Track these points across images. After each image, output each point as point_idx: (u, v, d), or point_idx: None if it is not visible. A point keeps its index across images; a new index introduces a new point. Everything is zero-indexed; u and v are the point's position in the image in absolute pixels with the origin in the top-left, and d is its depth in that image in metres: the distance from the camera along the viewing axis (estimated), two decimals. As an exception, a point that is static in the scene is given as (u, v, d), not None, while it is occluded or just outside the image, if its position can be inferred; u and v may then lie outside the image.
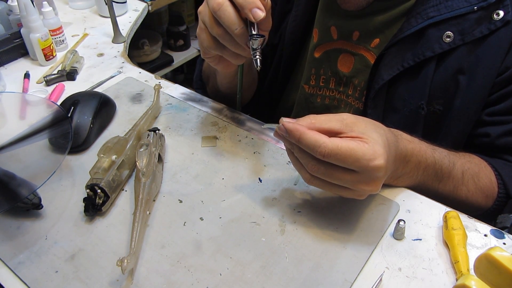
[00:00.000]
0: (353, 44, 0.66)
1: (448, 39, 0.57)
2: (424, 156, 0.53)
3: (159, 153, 0.59)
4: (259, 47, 0.51)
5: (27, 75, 0.83)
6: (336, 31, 0.67)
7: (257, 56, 0.51)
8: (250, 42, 0.51)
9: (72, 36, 0.98)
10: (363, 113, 0.66)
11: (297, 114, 0.77)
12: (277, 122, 0.48)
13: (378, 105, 0.63)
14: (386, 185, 0.57)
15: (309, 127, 0.45)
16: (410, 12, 0.59)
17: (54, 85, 0.80)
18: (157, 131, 0.62)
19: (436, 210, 0.54)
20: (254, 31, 0.50)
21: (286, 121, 0.46)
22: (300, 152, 0.46)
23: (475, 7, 0.55)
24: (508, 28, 0.56)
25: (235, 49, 0.52)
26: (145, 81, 0.80)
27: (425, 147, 0.54)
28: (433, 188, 0.57)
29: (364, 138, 0.44)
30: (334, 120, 0.46)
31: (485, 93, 0.59)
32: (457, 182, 0.57)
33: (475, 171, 0.58)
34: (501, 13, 0.55)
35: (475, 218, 0.53)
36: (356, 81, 0.67)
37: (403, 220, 0.50)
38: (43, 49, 0.85)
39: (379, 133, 0.46)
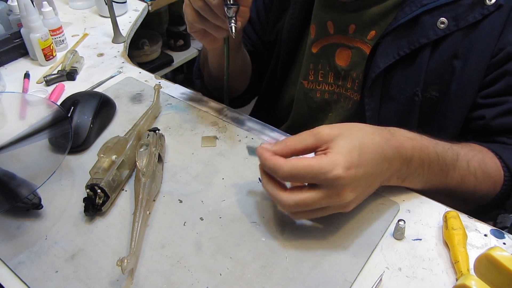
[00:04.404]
0: (349, 37, 0.67)
1: (443, 26, 0.57)
2: (426, 152, 0.52)
3: (159, 153, 0.59)
4: (234, 15, 0.55)
5: (27, 75, 0.83)
6: (333, 26, 0.68)
7: (232, 24, 0.55)
8: (226, 11, 0.55)
9: (72, 36, 0.99)
10: (360, 103, 0.66)
11: (297, 110, 0.78)
12: (277, 119, 0.49)
13: (374, 94, 0.64)
14: (387, 186, 0.57)
15: (283, 150, 0.46)
16: (404, 1, 0.60)
17: (54, 85, 0.80)
18: (157, 131, 0.62)
19: (436, 210, 0.54)
20: (230, 0, 0.54)
21: (262, 146, 0.48)
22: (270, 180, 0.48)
23: None
24: (500, 11, 0.56)
25: (215, 20, 0.57)
26: (145, 81, 0.80)
27: (427, 143, 0.53)
28: (442, 184, 0.55)
29: (328, 149, 0.45)
30: (308, 137, 0.47)
31: (480, 76, 0.59)
32: (464, 172, 0.56)
33: (480, 157, 0.57)
34: None
35: (475, 218, 0.53)
36: (354, 74, 0.68)
37: (403, 220, 0.50)
38: (43, 49, 0.85)
39: (350, 138, 0.46)
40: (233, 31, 0.56)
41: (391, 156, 0.48)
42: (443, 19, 0.57)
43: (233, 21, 0.55)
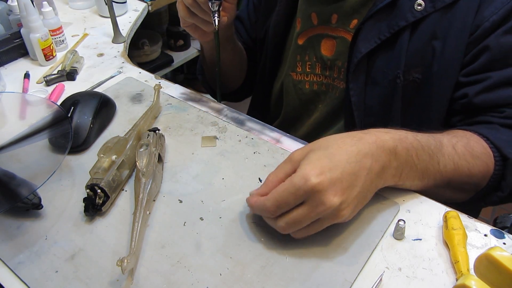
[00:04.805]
0: (332, 27, 0.68)
1: (420, 7, 0.59)
2: (407, 141, 0.52)
3: (159, 153, 0.59)
4: (217, 9, 0.63)
5: (27, 75, 0.83)
6: (316, 17, 0.70)
7: (215, 17, 0.63)
8: (210, 5, 0.62)
9: (72, 36, 0.98)
10: (346, 90, 0.67)
11: (288, 102, 0.80)
12: (272, 115, 0.50)
13: (359, 80, 0.65)
14: (387, 186, 0.57)
15: (268, 187, 0.48)
16: None
17: (54, 85, 0.80)
18: (157, 131, 0.62)
19: (436, 210, 0.54)
20: None
21: (250, 195, 0.50)
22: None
23: None
24: None
25: (203, 15, 0.65)
26: (145, 81, 0.80)
27: (405, 133, 0.53)
28: (438, 174, 0.54)
29: (298, 168, 0.46)
30: (284, 165, 0.49)
31: (460, 55, 0.60)
32: (454, 157, 0.55)
33: (464, 142, 0.57)
34: None
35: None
36: (339, 63, 0.69)
37: (403, 220, 0.50)
38: (43, 49, 0.85)
39: (318, 148, 0.47)
40: (216, 23, 0.64)
41: (371, 151, 0.48)
42: (420, 1, 0.58)
43: (216, 15, 0.63)
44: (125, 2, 1.10)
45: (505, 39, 0.57)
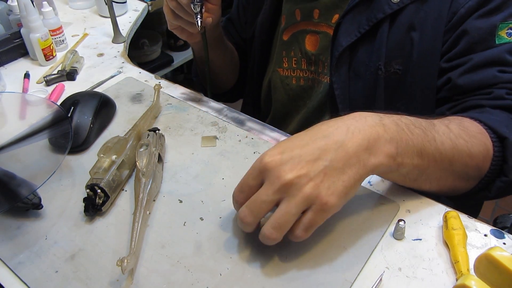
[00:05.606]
0: (315, 22, 0.70)
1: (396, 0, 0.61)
2: (393, 117, 0.48)
3: (159, 153, 0.59)
4: (199, 10, 0.64)
5: (27, 75, 0.83)
6: (300, 13, 0.71)
7: (198, 19, 0.64)
8: (192, 7, 0.63)
9: (72, 36, 0.99)
10: (330, 85, 0.68)
11: (276, 98, 0.81)
12: (263, 113, 0.49)
13: (342, 73, 0.66)
14: (386, 185, 0.57)
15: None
16: None
17: (54, 85, 0.80)
18: (157, 131, 0.62)
19: (436, 210, 0.54)
20: None
21: None
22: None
23: None
24: None
25: (187, 17, 0.66)
26: (145, 81, 0.80)
27: (389, 114, 0.49)
28: (437, 152, 0.49)
29: None
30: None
31: (438, 45, 0.61)
32: (450, 135, 0.51)
33: (457, 122, 0.54)
34: None
35: (474, 217, 0.53)
36: (323, 58, 0.71)
37: (403, 220, 0.50)
38: (43, 49, 0.85)
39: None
40: (199, 24, 0.65)
41: (346, 125, 0.45)
42: None
43: (199, 16, 0.64)
44: (125, 2, 1.10)
45: (483, 22, 0.58)
